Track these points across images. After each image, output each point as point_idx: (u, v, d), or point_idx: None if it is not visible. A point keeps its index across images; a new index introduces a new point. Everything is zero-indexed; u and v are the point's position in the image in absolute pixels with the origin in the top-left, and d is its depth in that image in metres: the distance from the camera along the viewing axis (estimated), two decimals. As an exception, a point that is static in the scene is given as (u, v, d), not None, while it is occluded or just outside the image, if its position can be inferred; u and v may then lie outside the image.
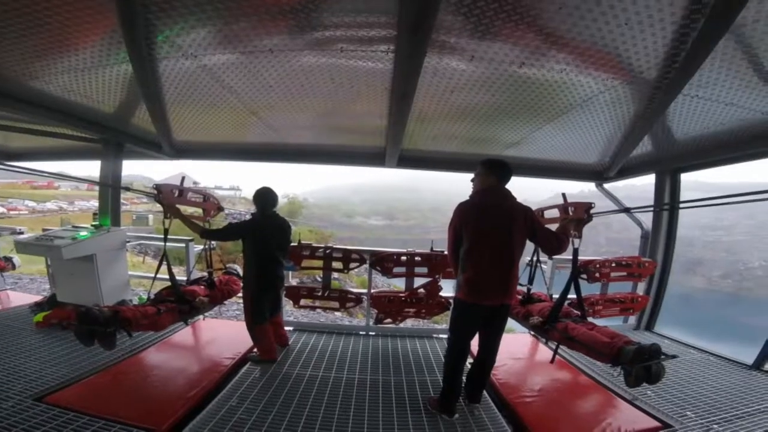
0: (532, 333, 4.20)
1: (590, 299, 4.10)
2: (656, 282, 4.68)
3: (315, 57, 2.55)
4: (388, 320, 4.32)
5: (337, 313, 7.59)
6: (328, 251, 4.28)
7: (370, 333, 4.43)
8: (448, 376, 2.78)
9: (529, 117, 3.29)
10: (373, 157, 4.52)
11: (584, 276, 4.09)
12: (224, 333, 4.13)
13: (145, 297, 4.48)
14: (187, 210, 3.62)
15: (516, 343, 4.19)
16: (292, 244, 3.95)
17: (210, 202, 4.05)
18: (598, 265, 4.16)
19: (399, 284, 4.52)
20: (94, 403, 2.59)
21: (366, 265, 4.32)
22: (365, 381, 3.26)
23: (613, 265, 4.29)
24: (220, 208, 4.24)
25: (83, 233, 3.97)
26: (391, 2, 1.96)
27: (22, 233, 5.08)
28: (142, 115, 3.52)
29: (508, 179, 2.67)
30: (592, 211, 3.13)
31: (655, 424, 2.71)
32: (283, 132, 4.07)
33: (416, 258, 4.23)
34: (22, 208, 31.96)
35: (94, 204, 6.08)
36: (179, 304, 3.30)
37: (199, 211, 3.99)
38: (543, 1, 1.91)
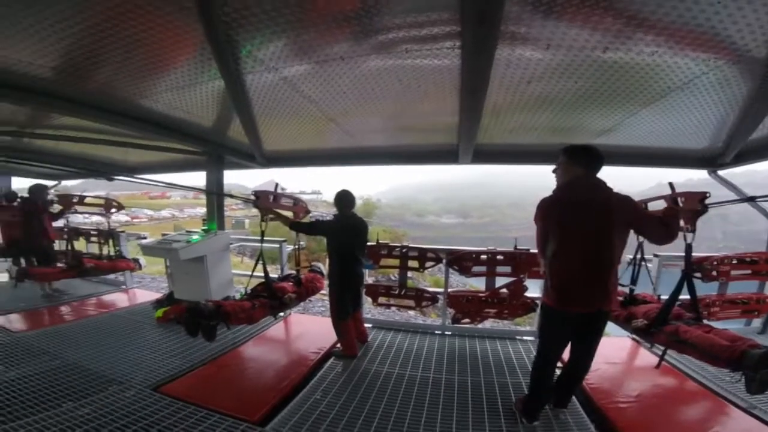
0: (633, 337, 3.85)
1: (705, 300, 3.64)
2: (789, 281, 3.90)
3: (382, 60, 2.61)
4: (466, 320, 4.24)
5: (411, 312, 7.65)
6: (404, 250, 4.34)
7: (446, 332, 4.39)
8: (534, 383, 2.64)
9: (620, 103, 3.00)
10: (446, 155, 4.46)
11: (698, 274, 3.57)
12: (311, 328, 4.41)
13: (244, 293, 5.01)
14: (281, 213, 3.99)
15: (612, 347, 3.83)
16: (370, 243, 4.09)
17: (299, 206, 4.38)
18: (715, 262, 3.65)
19: (475, 284, 4.40)
20: (199, 393, 2.90)
21: (441, 265, 4.29)
22: (440, 380, 3.26)
23: (734, 261, 3.72)
24: (308, 211, 4.59)
25: (195, 237, 4.49)
26: None
27: (145, 238, 6.01)
28: (236, 127, 3.89)
29: (598, 168, 2.30)
30: (707, 201, 2.70)
31: None
32: (358, 136, 4.22)
33: (498, 257, 4.09)
34: (142, 216, 37.47)
35: (201, 211, 6.93)
36: (271, 299, 3.59)
37: (290, 214, 4.32)
38: None
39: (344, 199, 3.65)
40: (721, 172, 4.07)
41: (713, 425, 2.49)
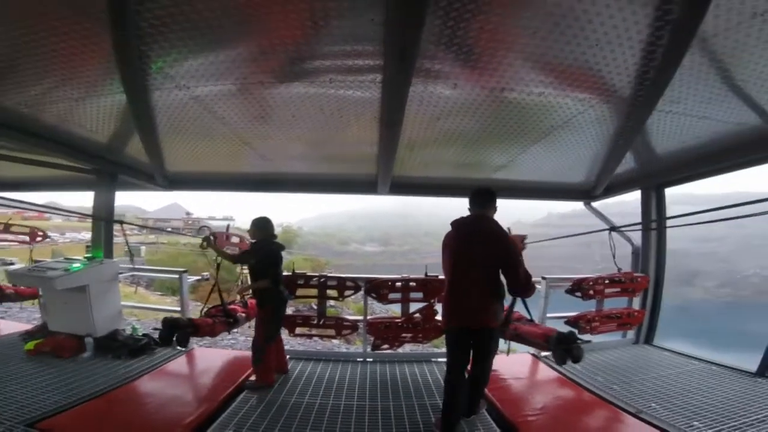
0: (533, 353, 4.26)
1: (587, 316, 4.13)
2: (651, 296, 4.70)
3: (305, 88, 2.64)
4: (386, 346, 4.26)
5: (335, 341, 7.47)
6: (322, 279, 4.28)
7: (368, 359, 4.36)
8: (446, 396, 2.81)
9: (514, 139, 3.39)
10: (366, 185, 4.59)
11: (579, 294, 4.18)
12: (218, 362, 4.07)
13: (138, 327, 4.44)
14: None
15: (515, 363, 4.14)
16: (286, 273, 4.01)
17: (243, 242, 4.71)
18: (591, 282, 4.21)
19: (397, 309, 4.50)
20: (88, 430, 2.54)
21: (362, 292, 4.31)
22: (364, 407, 3.20)
23: (606, 281, 4.33)
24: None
25: (76, 265, 3.98)
26: (377, 30, 2.04)
27: (13, 264, 5.04)
28: (136, 145, 3.56)
29: (483, 204, 2.80)
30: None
31: None
32: (277, 162, 4.14)
33: (411, 283, 4.24)
34: (11, 239, 31.51)
35: (86, 235, 6.08)
36: (226, 317, 3.99)
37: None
38: (518, 27, 2.01)
39: (270, 223, 3.70)
40: (594, 204, 4.83)
41: (609, 430, 2.79)
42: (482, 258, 2.62)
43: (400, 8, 1.83)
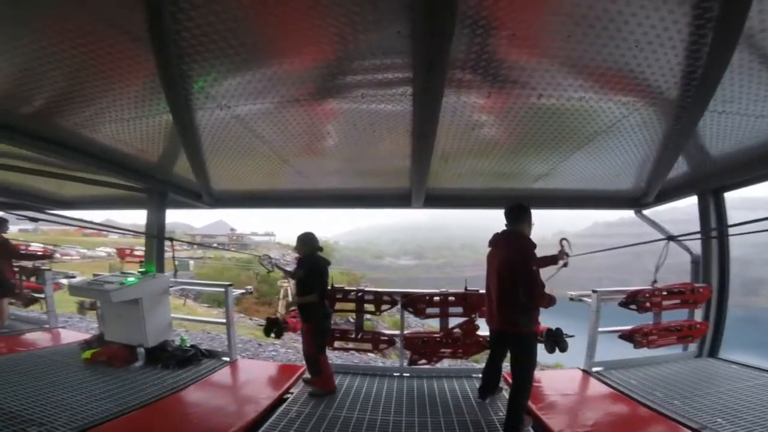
0: (583, 369, 4.05)
1: (643, 329, 3.90)
2: (714, 307, 4.32)
3: (338, 104, 2.70)
4: (423, 361, 4.19)
5: (371, 354, 7.45)
6: (360, 294, 4.29)
7: (405, 374, 4.29)
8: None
9: (554, 147, 3.28)
10: (400, 199, 4.58)
11: (634, 307, 3.96)
12: (260, 373, 4.19)
13: (186, 338, 4.66)
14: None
15: (564, 378, 3.93)
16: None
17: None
18: (647, 294, 3.96)
19: (433, 323, 4.42)
20: None
21: (398, 307, 4.28)
22: (400, 423, 3.15)
23: (665, 293, 4.05)
24: None
25: (131, 279, 4.21)
26: (404, 42, 2.06)
27: (74, 277, 5.48)
28: (183, 164, 3.74)
29: (515, 220, 3.03)
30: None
31: None
32: (313, 178, 4.24)
33: (450, 298, 4.16)
34: (73, 254, 34.25)
35: (140, 250, 6.52)
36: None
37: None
38: (551, 32, 1.97)
39: (315, 238, 3.79)
40: (646, 212, 4.53)
41: None
42: (501, 271, 2.96)
43: (426, 20, 1.84)
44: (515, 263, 2.85)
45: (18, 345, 4.68)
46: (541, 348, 3.38)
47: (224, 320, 4.58)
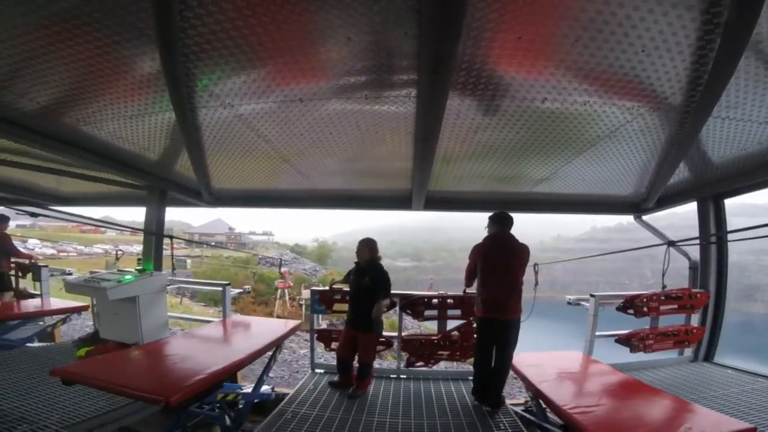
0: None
1: (640, 334, 3.92)
2: (711, 312, 4.35)
3: (341, 104, 2.70)
4: (420, 363, 4.18)
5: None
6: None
7: (402, 376, 4.28)
8: (474, 376, 3.58)
9: (556, 151, 3.29)
10: (401, 200, 4.58)
11: (631, 311, 3.96)
12: (254, 327, 4.25)
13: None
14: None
15: (566, 359, 3.83)
16: (322, 288, 4.20)
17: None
18: (645, 299, 3.97)
19: (430, 326, 4.42)
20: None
21: (396, 308, 4.26)
22: (397, 424, 3.15)
23: (662, 298, 4.07)
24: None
25: (128, 277, 4.17)
26: (411, 43, 2.06)
27: (71, 274, 5.45)
28: (184, 162, 3.73)
29: (507, 225, 3.53)
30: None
31: (745, 425, 2.39)
32: (314, 178, 4.23)
33: (448, 300, 4.16)
34: (70, 250, 34.08)
35: (137, 248, 6.46)
36: None
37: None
38: (558, 36, 1.97)
39: (377, 245, 3.86)
40: (645, 217, 4.54)
41: (682, 422, 2.44)
42: (516, 266, 3.40)
43: (434, 21, 1.83)
44: (524, 261, 3.44)
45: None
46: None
47: (220, 319, 4.56)
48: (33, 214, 3.49)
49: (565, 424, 2.70)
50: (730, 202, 4.29)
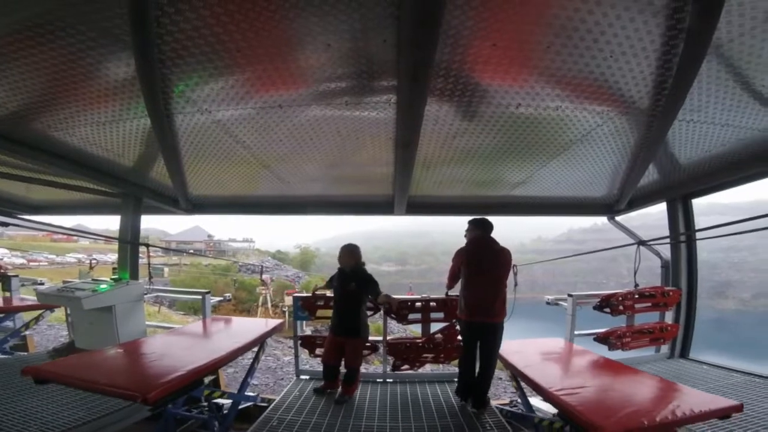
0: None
1: (617, 332, 4.02)
2: (684, 309, 4.52)
3: (321, 110, 2.70)
4: (406, 366, 4.19)
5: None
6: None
7: (388, 380, 4.27)
8: (459, 377, 3.65)
9: (532, 155, 3.37)
10: (383, 206, 4.60)
11: (607, 310, 4.07)
12: (235, 326, 4.26)
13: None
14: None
15: (548, 345, 3.93)
16: (305, 295, 4.17)
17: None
18: (620, 298, 4.09)
19: (416, 329, 4.44)
20: None
21: (381, 312, 4.27)
22: (384, 428, 3.14)
23: (636, 296, 4.20)
24: None
25: (103, 286, 4.05)
26: (390, 51, 2.09)
27: (42, 284, 5.24)
28: (160, 169, 3.65)
29: (489, 230, 3.54)
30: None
31: (732, 402, 2.43)
32: (294, 184, 4.20)
33: (431, 303, 4.20)
34: (41, 260, 32.68)
35: (112, 257, 6.26)
36: None
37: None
38: (531, 42, 2.03)
39: (360, 251, 3.84)
40: (618, 218, 4.70)
41: (670, 400, 2.47)
42: (502, 270, 3.43)
43: (412, 29, 1.86)
44: (508, 264, 3.48)
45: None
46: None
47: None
48: (1, 224, 3.34)
49: (555, 408, 2.72)
50: (698, 202, 4.50)
